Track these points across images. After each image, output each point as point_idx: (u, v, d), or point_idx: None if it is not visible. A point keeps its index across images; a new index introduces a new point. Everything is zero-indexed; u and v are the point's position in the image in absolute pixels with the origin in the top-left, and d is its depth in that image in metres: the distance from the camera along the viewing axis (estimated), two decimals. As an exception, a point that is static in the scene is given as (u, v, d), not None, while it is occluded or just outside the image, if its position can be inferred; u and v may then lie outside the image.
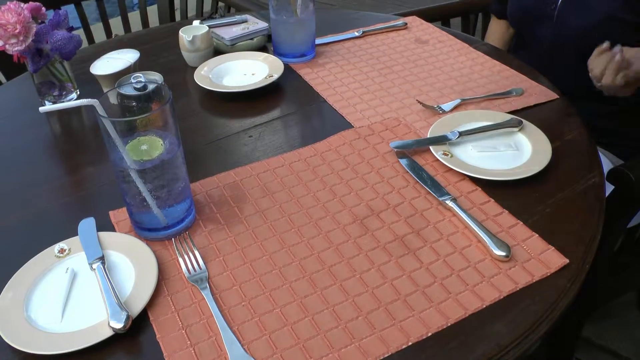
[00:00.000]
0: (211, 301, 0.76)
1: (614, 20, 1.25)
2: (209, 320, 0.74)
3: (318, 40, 1.43)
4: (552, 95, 1.18)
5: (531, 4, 1.41)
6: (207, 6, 2.09)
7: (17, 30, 1.09)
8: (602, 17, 1.26)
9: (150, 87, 0.86)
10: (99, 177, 1.03)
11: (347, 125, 1.12)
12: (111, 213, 0.92)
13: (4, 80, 1.74)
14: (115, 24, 2.11)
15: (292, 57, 1.38)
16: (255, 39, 1.44)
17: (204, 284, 0.78)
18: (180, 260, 0.82)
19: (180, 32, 1.36)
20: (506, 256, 0.79)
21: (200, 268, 0.81)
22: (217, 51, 1.43)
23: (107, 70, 1.22)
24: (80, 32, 1.70)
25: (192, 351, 0.70)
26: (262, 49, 1.46)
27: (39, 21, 1.18)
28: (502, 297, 0.75)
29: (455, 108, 1.15)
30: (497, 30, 1.66)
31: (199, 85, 1.25)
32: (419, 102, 1.17)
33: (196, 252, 0.83)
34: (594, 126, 1.09)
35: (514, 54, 1.52)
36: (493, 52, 1.39)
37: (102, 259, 0.81)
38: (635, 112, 1.33)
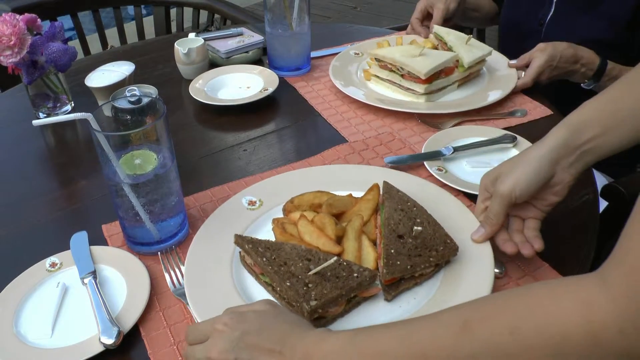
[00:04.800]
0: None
1: (596, 42, 1.28)
2: (201, 336, 0.73)
3: (313, 54, 1.43)
4: (546, 111, 1.19)
5: (521, 19, 1.44)
6: (203, 18, 2.09)
7: (12, 42, 1.09)
8: (586, 37, 1.29)
9: (145, 100, 0.86)
10: (92, 190, 1.02)
11: (342, 140, 1.12)
12: (104, 227, 0.91)
13: (-2, 91, 1.73)
14: (111, 34, 2.11)
15: (287, 71, 1.38)
16: (250, 52, 1.45)
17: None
18: (166, 274, 0.82)
19: (175, 44, 1.36)
20: (500, 273, 0.79)
21: (187, 283, 0.80)
22: (213, 64, 1.43)
23: (102, 83, 1.22)
24: (76, 43, 1.71)
25: (184, 368, 0.69)
26: (258, 62, 1.46)
27: (34, 33, 1.18)
28: (495, 314, 0.75)
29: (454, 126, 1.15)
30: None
31: (194, 98, 1.25)
32: (418, 118, 1.17)
33: (182, 267, 0.82)
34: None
35: None
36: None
37: (93, 273, 0.80)
38: None
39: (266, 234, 0.86)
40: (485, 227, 0.79)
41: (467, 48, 1.27)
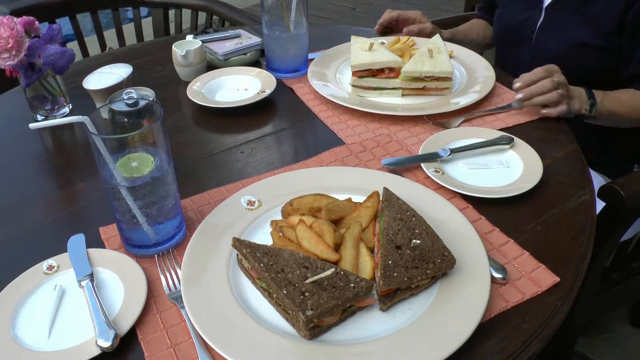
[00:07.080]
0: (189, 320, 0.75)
1: (585, 46, 1.30)
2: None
3: (311, 55, 1.43)
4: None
5: (514, 25, 1.47)
6: (202, 19, 2.09)
7: (10, 45, 1.09)
8: (575, 43, 1.32)
9: (142, 103, 0.86)
10: (89, 193, 1.02)
11: (339, 142, 1.12)
12: (101, 229, 0.91)
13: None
14: (110, 35, 2.12)
15: (285, 73, 1.38)
16: (248, 54, 1.45)
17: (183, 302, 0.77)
18: (162, 277, 0.82)
19: (173, 46, 1.36)
20: (502, 279, 0.79)
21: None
22: (210, 66, 1.43)
23: (100, 85, 1.22)
24: (74, 45, 1.71)
25: (181, 371, 0.69)
26: (255, 64, 1.46)
27: (32, 35, 1.18)
28: (492, 315, 0.75)
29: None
30: (477, 25, 1.71)
31: (192, 101, 1.25)
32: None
33: (178, 270, 0.82)
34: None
35: None
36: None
37: (90, 276, 0.80)
38: (616, 132, 1.35)
39: (264, 235, 0.86)
40: None
41: (427, 61, 1.23)
